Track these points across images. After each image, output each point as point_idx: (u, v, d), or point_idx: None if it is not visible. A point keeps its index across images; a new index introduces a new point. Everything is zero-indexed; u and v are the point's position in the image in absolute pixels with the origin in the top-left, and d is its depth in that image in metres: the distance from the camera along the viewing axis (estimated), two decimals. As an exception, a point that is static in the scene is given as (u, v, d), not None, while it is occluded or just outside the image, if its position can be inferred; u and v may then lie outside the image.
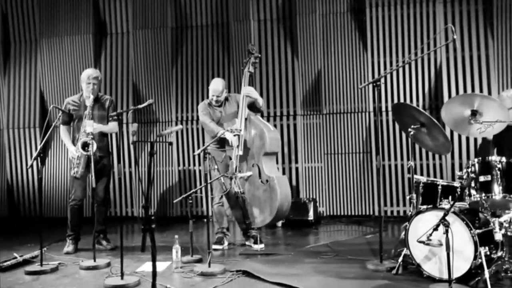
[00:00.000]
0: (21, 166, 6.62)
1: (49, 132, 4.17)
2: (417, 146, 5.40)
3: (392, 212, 5.73)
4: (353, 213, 5.81)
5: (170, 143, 4.31)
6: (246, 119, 4.34)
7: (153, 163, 6.14)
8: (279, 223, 5.45)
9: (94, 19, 6.44)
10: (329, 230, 5.32)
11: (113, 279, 3.37)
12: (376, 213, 5.68)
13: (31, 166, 3.90)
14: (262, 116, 4.76)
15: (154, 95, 6.27)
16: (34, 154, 4.36)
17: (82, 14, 6.44)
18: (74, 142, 4.43)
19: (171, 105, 6.26)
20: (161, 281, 3.24)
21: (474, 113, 3.35)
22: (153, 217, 3.18)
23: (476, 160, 3.32)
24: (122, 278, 3.33)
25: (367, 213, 5.77)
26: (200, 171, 6.13)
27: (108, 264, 3.83)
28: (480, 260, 3.05)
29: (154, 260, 3.09)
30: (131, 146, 6.15)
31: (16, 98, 6.64)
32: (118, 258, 3.48)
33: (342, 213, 5.84)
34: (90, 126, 4.07)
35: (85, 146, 4.22)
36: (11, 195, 6.64)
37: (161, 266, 3.73)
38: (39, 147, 3.88)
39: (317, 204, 5.72)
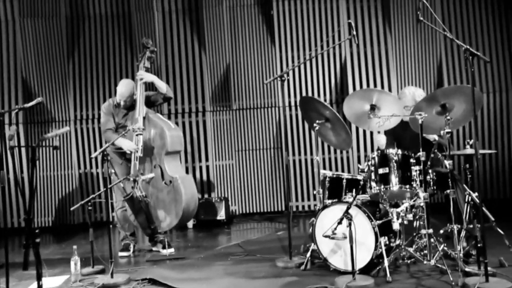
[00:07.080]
0: None
1: None
2: (324, 140, 5.48)
3: (303, 207, 5.79)
4: (265, 210, 5.77)
5: (55, 147, 3.77)
6: (144, 117, 4.05)
7: (44, 167, 5.61)
8: (190, 225, 5.26)
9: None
10: (241, 229, 5.25)
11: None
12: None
13: None
14: (169, 108, 4.48)
15: (49, 92, 5.69)
16: None
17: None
18: None
19: (69, 102, 5.73)
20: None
21: (373, 107, 3.44)
22: (37, 231, 2.89)
23: (375, 153, 3.41)
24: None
25: (279, 209, 5.77)
26: (102, 173, 5.70)
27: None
28: (380, 250, 3.17)
29: (39, 279, 2.81)
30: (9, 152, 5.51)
31: None
32: (3, 277, 3.08)
33: (254, 211, 5.77)
34: None
35: None
36: None
37: (57, 281, 3.44)
38: None
39: (229, 202, 5.61)
